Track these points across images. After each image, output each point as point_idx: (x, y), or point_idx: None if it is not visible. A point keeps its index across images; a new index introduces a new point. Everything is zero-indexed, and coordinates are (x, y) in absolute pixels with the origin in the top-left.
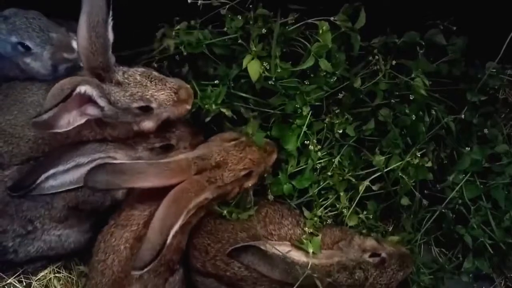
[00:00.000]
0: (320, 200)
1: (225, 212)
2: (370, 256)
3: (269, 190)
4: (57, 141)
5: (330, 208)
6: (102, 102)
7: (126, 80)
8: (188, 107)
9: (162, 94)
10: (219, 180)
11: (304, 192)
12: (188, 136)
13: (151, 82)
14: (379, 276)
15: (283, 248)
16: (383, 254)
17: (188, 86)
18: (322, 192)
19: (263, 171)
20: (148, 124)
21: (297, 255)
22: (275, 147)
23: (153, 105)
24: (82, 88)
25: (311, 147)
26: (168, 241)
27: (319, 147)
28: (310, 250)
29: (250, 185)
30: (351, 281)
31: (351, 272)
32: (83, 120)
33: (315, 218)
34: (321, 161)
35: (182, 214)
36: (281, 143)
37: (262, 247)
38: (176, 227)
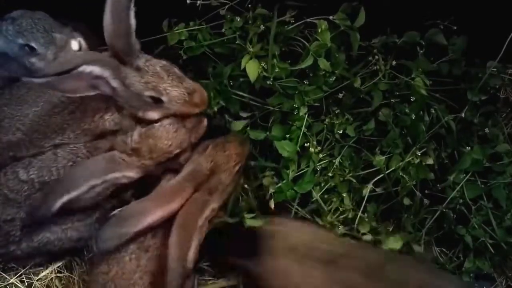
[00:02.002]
0: (326, 205)
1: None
2: None
3: (272, 199)
4: (79, 128)
5: (338, 213)
6: (114, 83)
7: (146, 68)
8: (197, 111)
9: (175, 90)
10: (220, 186)
11: (306, 195)
12: (184, 134)
13: (168, 76)
14: None
15: None
16: None
17: (205, 93)
18: (325, 196)
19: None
20: (152, 115)
21: None
22: (246, 138)
23: (164, 98)
24: (87, 69)
25: (311, 149)
26: (189, 266)
27: (319, 148)
28: None
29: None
30: None
31: None
32: (92, 93)
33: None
34: (322, 162)
35: (193, 236)
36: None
37: None
38: (192, 250)
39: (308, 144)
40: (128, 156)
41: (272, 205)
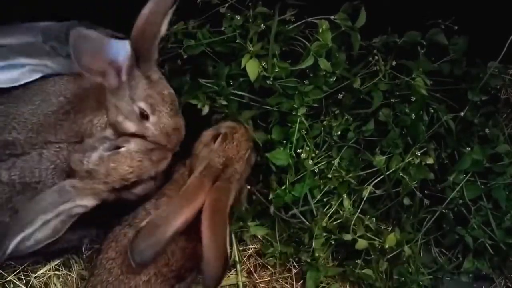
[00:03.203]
0: (325, 209)
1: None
2: None
3: (272, 205)
4: (71, 129)
5: (335, 216)
6: (125, 76)
7: (155, 83)
8: (169, 147)
9: (167, 119)
10: (236, 174)
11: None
12: (150, 165)
13: (170, 104)
14: None
15: None
16: None
17: (181, 137)
18: (324, 199)
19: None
20: (130, 126)
21: None
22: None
23: (152, 118)
24: (127, 45)
25: (303, 155)
26: (229, 251)
27: (316, 152)
28: None
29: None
30: None
31: None
32: (99, 79)
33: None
34: (320, 164)
35: (226, 220)
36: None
37: None
38: (228, 236)
39: (301, 150)
40: (80, 179)
41: (272, 211)
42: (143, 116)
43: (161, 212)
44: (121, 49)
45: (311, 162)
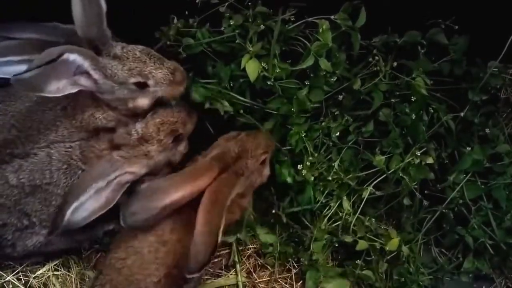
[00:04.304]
0: (324, 211)
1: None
2: None
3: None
4: (72, 126)
5: (334, 218)
6: (95, 74)
7: (125, 55)
8: (182, 89)
9: (160, 72)
10: (245, 170)
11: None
12: (187, 117)
13: (150, 59)
14: None
15: None
16: None
17: (183, 69)
18: (323, 201)
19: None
20: (142, 101)
21: None
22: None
23: (150, 82)
24: (70, 56)
25: (304, 171)
26: (219, 241)
27: (311, 158)
28: None
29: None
30: None
31: None
32: (75, 90)
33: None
34: (320, 170)
35: (223, 212)
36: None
37: None
38: (222, 227)
39: (302, 166)
40: (131, 148)
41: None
42: (142, 85)
43: (162, 181)
44: (70, 58)
45: (312, 178)
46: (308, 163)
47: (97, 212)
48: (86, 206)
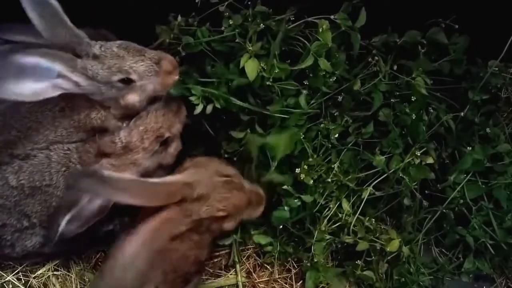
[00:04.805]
0: (324, 213)
1: None
2: None
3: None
4: (70, 126)
5: (334, 219)
6: (74, 76)
7: (103, 53)
8: (175, 77)
9: (141, 65)
10: (194, 214)
11: None
12: (174, 117)
13: (128, 53)
14: None
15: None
16: None
17: (172, 57)
18: (323, 202)
19: (241, 218)
20: (132, 98)
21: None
22: (263, 200)
23: (133, 76)
24: (41, 60)
25: (302, 175)
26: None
27: (311, 159)
28: None
29: (229, 228)
30: None
31: None
32: (56, 93)
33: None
34: (319, 166)
35: (163, 242)
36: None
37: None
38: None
39: (300, 170)
40: (118, 157)
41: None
42: (128, 82)
43: (126, 180)
44: (41, 62)
45: (311, 182)
46: (305, 167)
47: (91, 221)
48: (80, 216)
